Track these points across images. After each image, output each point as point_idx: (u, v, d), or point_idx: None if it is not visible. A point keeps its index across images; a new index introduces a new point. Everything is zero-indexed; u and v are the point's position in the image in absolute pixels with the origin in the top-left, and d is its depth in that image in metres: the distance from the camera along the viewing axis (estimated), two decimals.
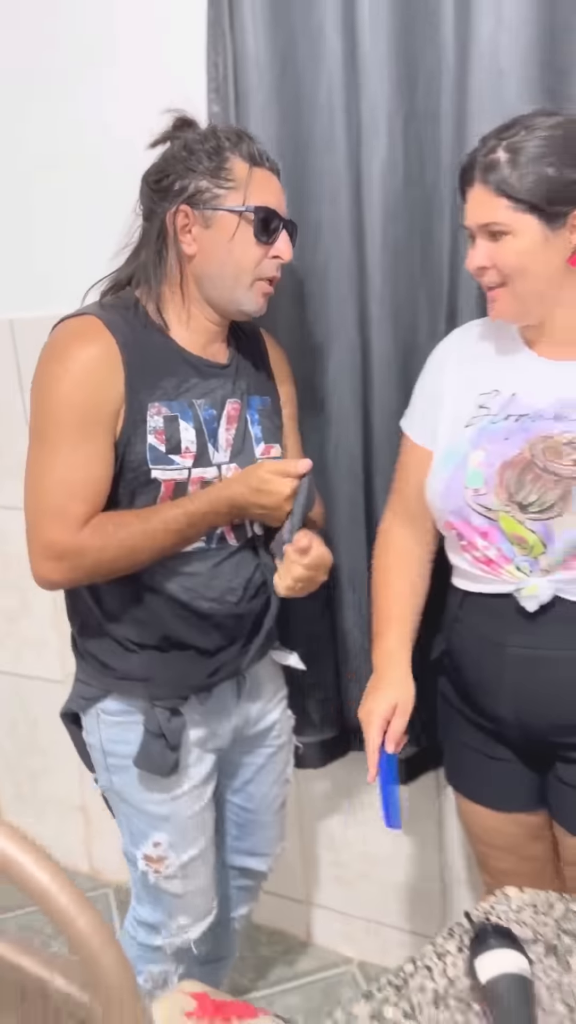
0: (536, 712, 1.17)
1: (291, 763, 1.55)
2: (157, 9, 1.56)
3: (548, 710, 1.16)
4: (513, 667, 1.17)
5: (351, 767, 1.75)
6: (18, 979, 0.77)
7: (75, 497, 1.18)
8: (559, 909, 0.94)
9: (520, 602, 1.14)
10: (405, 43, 1.34)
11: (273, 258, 1.25)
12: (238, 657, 1.35)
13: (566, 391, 1.14)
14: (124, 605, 1.29)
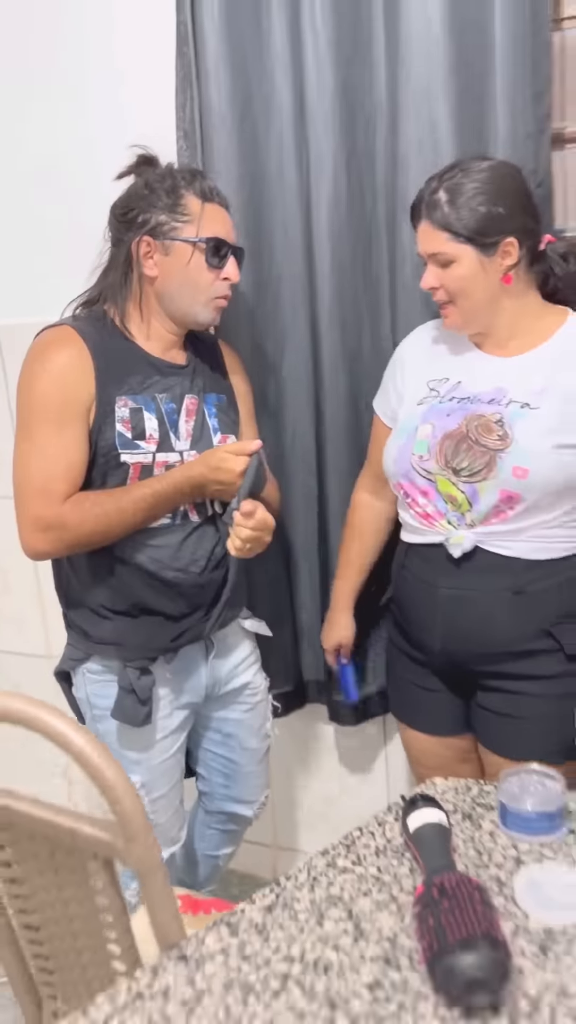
0: (460, 643, 1.42)
1: (269, 719, 1.75)
2: (132, 60, 1.79)
3: (469, 641, 1.41)
4: (443, 605, 1.42)
5: (307, 718, 1.99)
6: (51, 834, 1.00)
7: (56, 478, 1.39)
8: (475, 790, 1.19)
9: (448, 550, 1.39)
10: (345, 94, 1.59)
11: (223, 280, 1.47)
12: (201, 623, 1.53)
13: (501, 381, 1.39)
14: (99, 575, 1.48)
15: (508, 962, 0.84)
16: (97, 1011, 0.87)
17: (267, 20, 1.62)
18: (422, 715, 1.55)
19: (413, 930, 0.92)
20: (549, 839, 1.07)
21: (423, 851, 1.02)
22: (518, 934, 0.93)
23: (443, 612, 1.43)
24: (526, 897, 0.98)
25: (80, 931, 1.07)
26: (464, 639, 1.42)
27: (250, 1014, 0.85)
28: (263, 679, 1.73)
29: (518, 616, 1.38)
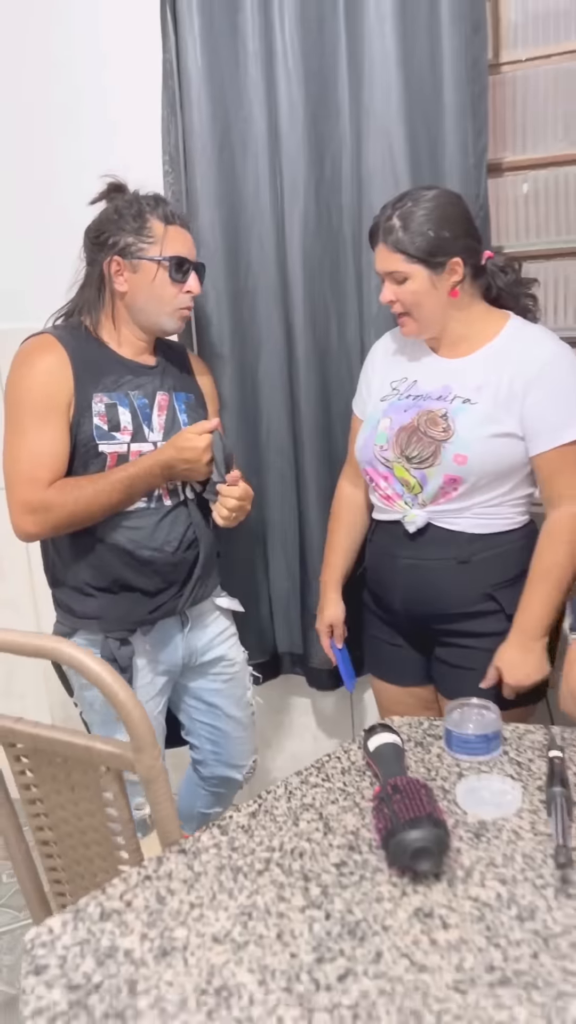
0: (417, 604, 1.64)
1: (250, 689, 1.92)
2: (122, 92, 1.99)
3: (424, 603, 1.63)
4: (402, 572, 1.63)
5: (282, 687, 2.19)
6: (70, 753, 1.19)
7: (41, 466, 1.57)
8: (426, 724, 1.40)
9: (405, 526, 1.60)
10: (314, 127, 1.80)
11: (186, 292, 1.65)
12: (175, 599, 1.71)
13: (448, 379, 1.60)
14: (82, 555, 1.66)
15: (448, 838, 1.04)
16: (113, 890, 1.06)
17: (244, 59, 1.83)
18: (390, 668, 1.76)
19: (371, 822, 1.12)
20: (486, 758, 1.28)
21: (380, 765, 1.22)
22: (457, 826, 1.13)
23: (402, 578, 1.64)
24: (465, 799, 1.18)
25: (91, 841, 1.27)
26: (420, 601, 1.63)
27: (239, 887, 1.05)
28: (240, 652, 1.89)
29: (463, 582, 1.60)
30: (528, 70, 1.81)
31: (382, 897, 1.02)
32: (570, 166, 1.83)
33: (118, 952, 0.96)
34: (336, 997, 0.88)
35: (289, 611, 2.08)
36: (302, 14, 1.75)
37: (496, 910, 0.99)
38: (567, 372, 1.54)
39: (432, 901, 1.01)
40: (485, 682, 1.58)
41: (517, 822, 1.14)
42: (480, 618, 1.61)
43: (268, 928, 0.98)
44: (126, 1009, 0.88)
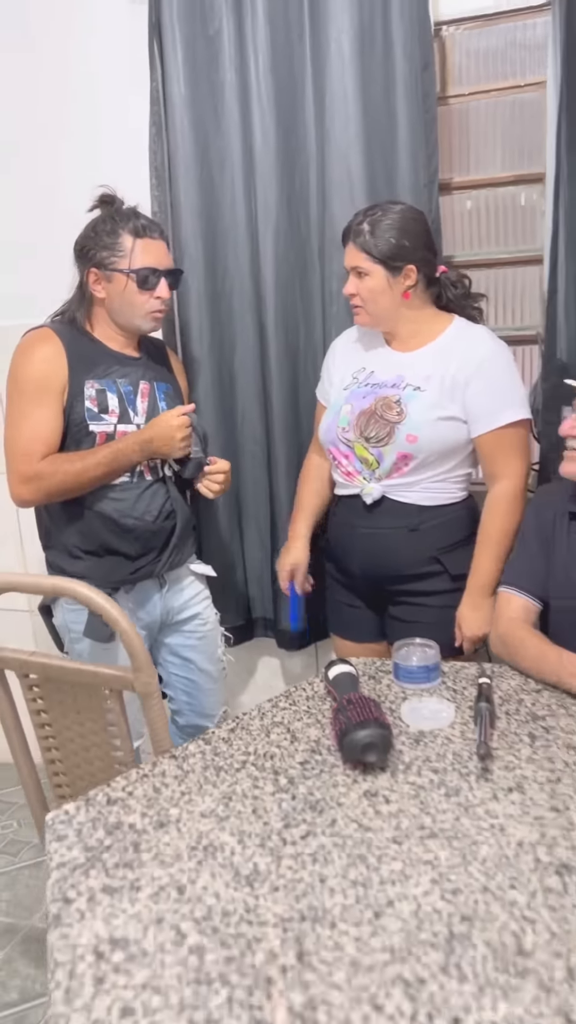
0: (373, 568, 1.88)
1: (221, 646, 2.14)
2: (115, 115, 2.22)
3: (380, 567, 1.87)
4: (360, 540, 1.87)
5: (254, 649, 2.42)
6: (78, 679, 1.42)
7: (36, 440, 1.80)
8: (378, 663, 1.64)
9: (363, 498, 1.85)
10: (284, 149, 2.04)
11: (156, 298, 1.86)
12: (154, 562, 1.93)
13: (401, 370, 1.84)
14: (73, 523, 1.88)
15: (390, 737, 1.28)
16: (116, 783, 1.29)
17: (221, 88, 2.06)
18: (349, 627, 2.00)
19: (330, 729, 1.36)
20: (427, 686, 1.52)
21: (338, 688, 1.45)
22: (401, 734, 1.38)
23: (360, 545, 1.88)
24: (408, 715, 1.42)
25: (94, 757, 1.49)
26: (376, 565, 1.87)
27: (221, 780, 1.28)
28: (213, 613, 2.11)
29: (413, 547, 1.84)
30: (471, 103, 2.07)
31: (337, 784, 1.26)
32: (506, 186, 2.09)
33: (123, 825, 1.19)
34: (299, 849, 1.12)
35: (262, 579, 2.32)
36: (273, 50, 1.99)
37: (428, 790, 1.23)
38: (503, 367, 1.79)
39: (377, 785, 1.25)
40: (457, 642, 1.83)
41: (450, 732, 1.39)
42: (428, 579, 1.86)
43: (245, 806, 1.21)
44: (132, 861, 1.11)
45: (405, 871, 1.06)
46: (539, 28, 1.97)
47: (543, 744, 1.33)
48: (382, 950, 0.94)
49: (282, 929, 0.98)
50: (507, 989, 0.87)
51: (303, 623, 2.16)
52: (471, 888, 1.02)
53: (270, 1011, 0.87)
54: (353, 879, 1.05)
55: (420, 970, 0.91)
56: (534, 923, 0.96)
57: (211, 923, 0.99)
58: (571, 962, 0.90)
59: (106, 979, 0.92)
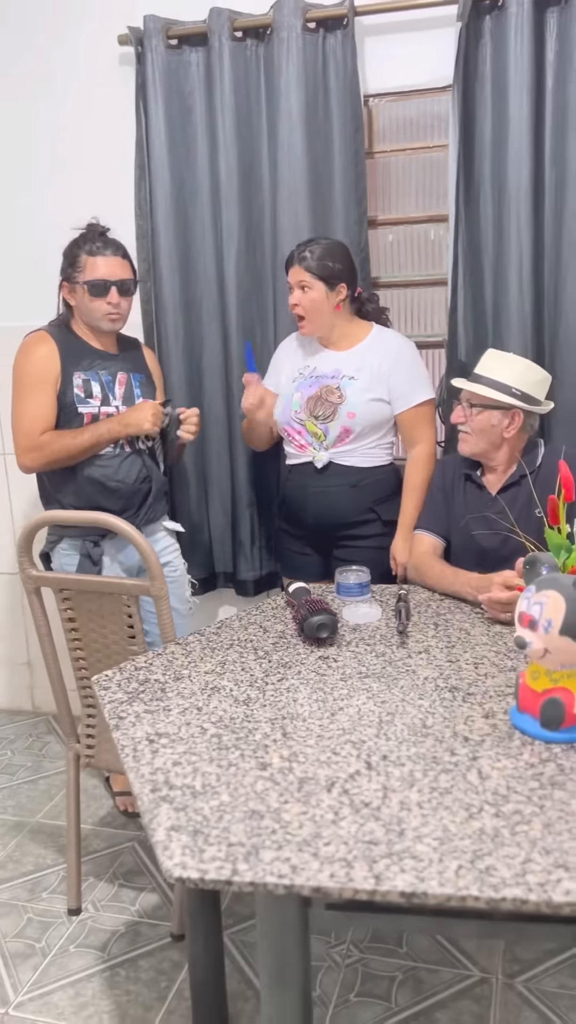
0: (323, 518, 2.39)
1: (189, 590, 2.61)
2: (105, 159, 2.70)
3: (328, 516, 2.38)
4: (312, 497, 2.39)
5: (216, 599, 2.92)
6: (104, 589, 1.89)
7: (36, 420, 2.26)
8: (324, 587, 2.17)
9: (315, 464, 2.37)
10: (245, 189, 2.55)
11: (107, 303, 2.30)
12: (133, 517, 2.37)
13: (338, 365, 2.35)
14: (68, 484, 2.32)
15: (337, 621, 1.80)
16: (138, 660, 1.77)
17: (194, 136, 2.57)
18: (299, 570, 2.51)
19: (292, 621, 1.87)
20: (360, 598, 2.05)
21: (295, 596, 1.97)
22: (343, 626, 1.90)
23: (313, 501, 2.40)
24: (348, 614, 1.95)
25: (113, 653, 1.96)
26: (325, 516, 2.39)
27: (214, 655, 1.78)
28: (182, 562, 2.57)
29: (354, 500, 2.37)
30: (391, 157, 2.63)
31: (300, 653, 1.77)
32: (420, 223, 2.66)
33: (150, 680, 1.68)
34: (277, 686, 1.62)
35: (224, 539, 2.81)
36: (236, 109, 2.50)
37: (364, 654, 1.75)
38: (414, 359, 2.38)
39: (329, 653, 1.77)
40: (394, 571, 2.35)
41: (377, 624, 1.91)
42: (365, 525, 2.39)
43: (236, 667, 1.72)
44: (161, 697, 1.60)
45: (349, 694, 1.58)
46: (443, 104, 2.53)
47: (443, 629, 1.87)
48: (337, 729, 1.45)
49: (271, 724, 1.48)
50: (416, 742, 1.40)
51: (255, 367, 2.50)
52: (393, 700, 1.55)
53: (268, 758, 1.37)
54: (316, 699, 1.56)
55: (362, 736, 1.42)
56: (433, 714, 1.49)
57: (223, 723, 1.49)
58: (456, 729, 1.43)
59: (158, 751, 1.41)
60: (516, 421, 2.06)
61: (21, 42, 2.75)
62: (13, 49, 2.76)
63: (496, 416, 2.06)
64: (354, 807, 1.23)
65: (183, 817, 1.23)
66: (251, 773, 1.33)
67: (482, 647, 1.76)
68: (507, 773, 1.30)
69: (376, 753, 1.37)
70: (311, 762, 1.35)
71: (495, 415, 2.06)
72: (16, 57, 2.76)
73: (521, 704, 1.44)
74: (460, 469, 2.20)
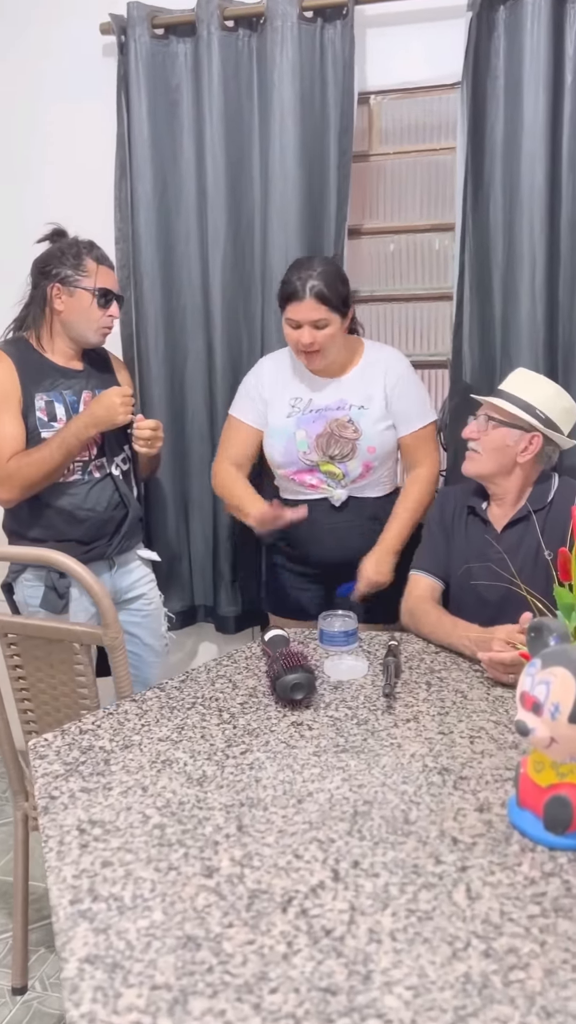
0: (335, 555, 2.16)
1: (165, 625, 2.39)
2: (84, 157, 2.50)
3: (341, 554, 2.14)
4: (327, 534, 2.15)
5: (196, 634, 2.69)
6: (53, 635, 1.67)
7: (2, 447, 2.04)
8: (307, 632, 1.94)
9: (332, 502, 2.14)
10: (232, 193, 2.34)
11: (108, 315, 2.12)
12: (105, 546, 2.18)
13: (341, 395, 2.12)
14: (34, 516, 2.12)
15: (314, 680, 1.58)
16: (86, 719, 1.55)
17: (180, 135, 2.37)
18: (294, 608, 2.26)
19: (266, 677, 1.65)
20: (345, 648, 1.83)
21: (272, 647, 1.74)
22: (323, 683, 1.67)
23: (326, 538, 2.16)
24: (329, 669, 1.72)
25: (63, 705, 1.75)
26: (341, 552, 2.15)
27: (174, 715, 1.56)
28: (158, 595, 2.36)
29: (373, 532, 2.14)
30: (393, 160, 2.42)
31: (271, 717, 1.55)
32: (423, 232, 2.44)
33: (95, 747, 1.45)
34: (239, 761, 1.40)
35: (205, 570, 2.59)
36: (225, 103, 2.30)
37: (343, 721, 1.53)
38: (414, 381, 2.17)
39: (303, 718, 1.54)
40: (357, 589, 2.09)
41: (363, 681, 1.69)
42: None
43: (195, 733, 1.49)
44: (104, 771, 1.38)
45: (323, 773, 1.35)
46: (451, 102, 2.32)
47: (437, 689, 1.64)
48: (303, 823, 1.22)
49: (226, 812, 1.26)
50: (394, 844, 1.17)
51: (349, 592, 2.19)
52: (372, 784, 1.32)
53: (217, 860, 1.15)
54: (282, 779, 1.34)
55: (331, 834, 1.20)
56: (418, 804, 1.26)
57: (170, 809, 1.27)
58: (443, 827, 1.21)
59: (89, 845, 1.19)
60: (533, 446, 1.83)
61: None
62: None
63: (513, 436, 1.84)
64: (312, 935, 1.00)
65: (102, 943, 1.00)
66: (194, 881, 1.11)
67: (480, 716, 1.53)
68: (501, 892, 1.07)
69: (346, 858, 1.14)
70: (267, 868, 1.13)
71: (512, 434, 1.84)
72: None
73: (522, 798, 1.21)
74: (463, 501, 1.98)
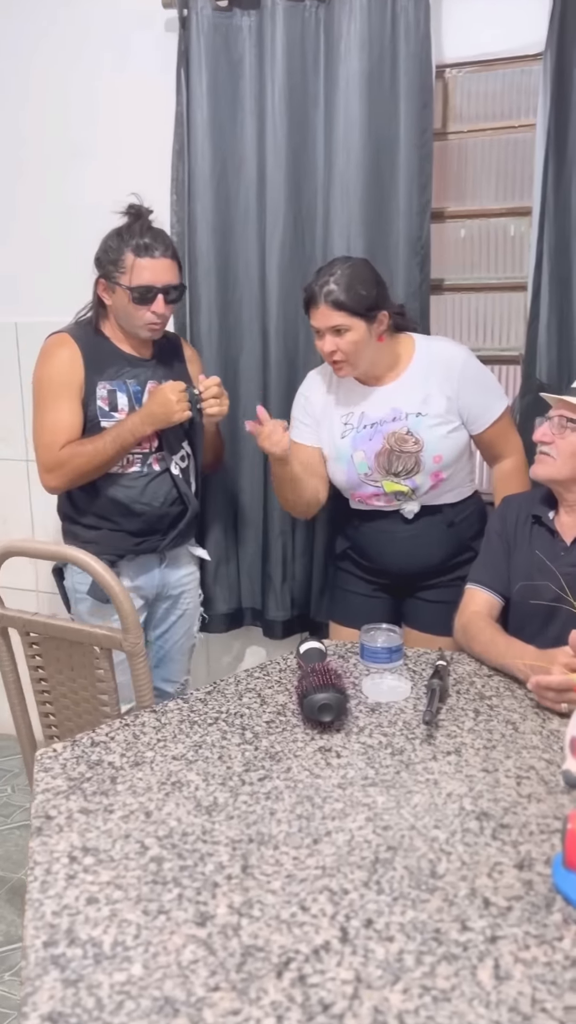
0: (410, 564, 2.02)
1: (197, 625, 2.31)
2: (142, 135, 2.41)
3: (420, 561, 2.01)
4: (401, 543, 2.01)
5: (244, 637, 2.57)
6: (73, 637, 1.57)
7: (57, 432, 1.97)
8: (349, 644, 1.79)
9: (403, 515, 1.99)
10: (294, 172, 2.21)
11: (151, 313, 1.97)
12: (158, 541, 2.09)
13: (393, 403, 1.95)
14: (90, 504, 2.04)
15: (345, 700, 1.43)
16: (100, 729, 1.44)
17: (241, 114, 2.25)
18: (357, 616, 2.05)
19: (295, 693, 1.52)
20: (389, 666, 1.67)
21: (306, 660, 1.60)
22: (360, 704, 1.53)
23: (401, 547, 2.02)
24: (368, 689, 1.57)
25: (83, 711, 1.65)
26: (417, 562, 2.02)
27: (194, 731, 1.43)
28: (197, 594, 2.28)
29: (451, 540, 2.01)
30: (469, 139, 2.24)
31: (296, 740, 1.41)
32: (498, 217, 2.25)
33: (103, 762, 1.34)
34: (255, 788, 1.27)
35: (252, 572, 2.47)
36: (289, 81, 2.16)
37: (376, 749, 1.38)
38: (477, 368, 1.97)
39: (332, 743, 1.40)
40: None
41: (403, 704, 1.53)
42: (462, 566, 2.00)
43: (212, 753, 1.37)
44: (108, 791, 1.26)
45: (345, 810, 1.21)
46: (533, 75, 2.13)
47: (485, 718, 1.47)
48: (315, 868, 1.08)
49: (232, 848, 1.13)
50: (416, 901, 1.02)
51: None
52: (400, 826, 1.17)
53: (213, 906, 1.02)
54: (299, 813, 1.20)
55: (345, 884, 1.05)
56: (449, 855, 1.11)
57: (171, 840, 1.15)
58: (475, 884, 1.05)
59: (76, 876, 1.08)
60: None
61: (53, 10, 2.48)
62: (45, 19, 2.49)
63: None
64: (307, 1010, 0.86)
65: (70, 998, 0.89)
66: (183, 930, 0.98)
67: (531, 753, 1.36)
68: (536, 972, 0.91)
69: (359, 914, 1.00)
70: (267, 919, 0.99)
71: None
72: (48, 27, 2.49)
73: (569, 858, 1.04)
74: (527, 509, 1.80)
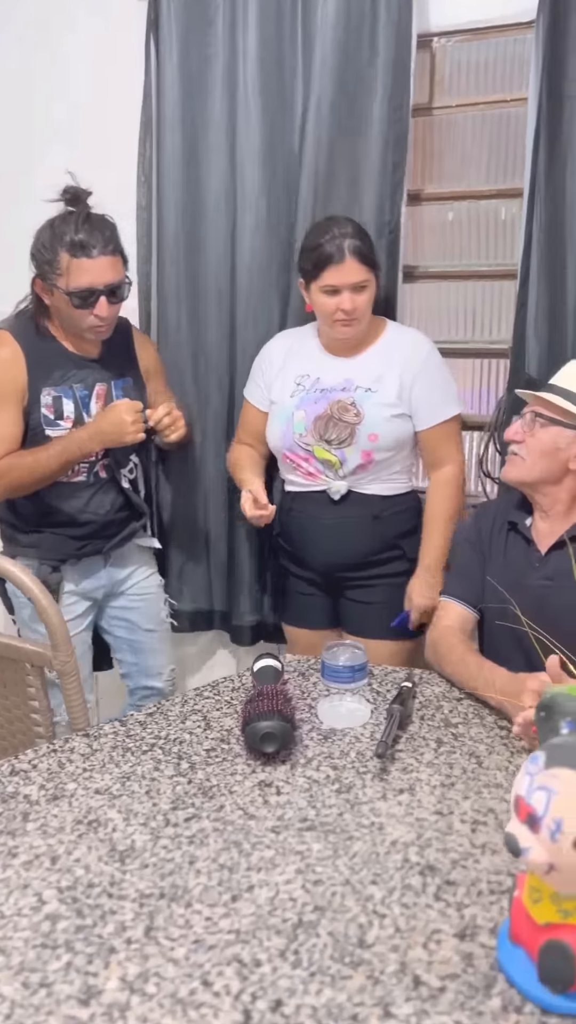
0: (337, 556, 1.91)
1: (165, 610, 2.17)
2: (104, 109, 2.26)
3: (344, 554, 1.91)
4: (326, 531, 1.90)
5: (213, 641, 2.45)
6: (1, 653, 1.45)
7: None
8: (312, 660, 1.66)
9: (330, 495, 1.88)
10: (268, 148, 2.05)
11: (94, 316, 1.78)
12: (102, 544, 1.97)
13: (349, 374, 1.86)
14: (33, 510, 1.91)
15: (291, 729, 1.30)
16: (24, 755, 1.32)
17: (212, 90, 2.09)
18: (303, 616, 2.04)
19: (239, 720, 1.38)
20: (351, 686, 1.54)
21: (260, 680, 1.47)
22: (312, 730, 1.39)
23: (324, 536, 1.92)
24: (323, 712, 1.44)
25: (16, 730, 1.52)
26: (340, 553, 1.92)
27: (125, 760, 1.31)
28: (157, 580, 2.16)
29: (376, 534, 1.90)
30: (457, 114, 2.08)
31: (236, 772, 1.28)
32: (488, 199, 2.10)
33: (19, 795, 1.22)
34: (179, 831, 1.14)
35: (222, 573, 2.33)
36: (262, 55, 2.02)
37: (321, 785, 1.24)
38: (440, 367, 1.89)
39: (274, 776, 1.27)
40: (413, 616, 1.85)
41: (360, 731, 1.40)
42: (388, 563, 1.91)
43: (140, 787, 1.24)
44: (16, 830, 1.14)
45: (275, 859, 1.08)
46: (527, 44, 1.97)
47: (448, 750, 1.34)
48: (228, 932, 0.95)
49: (139, 904, 1.00)
50: (336, 978, 0.89)
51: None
52: (333, 880, 1.04)
53: (103, 978, 0.89)
54: (222, 863, 1.07)
55: (259, 953, 0.92)
56: (383, 918, 0.97)
57: (73, 893, 1.02)
58: (406, 957, 0.91)
59: None
60: None
61: None
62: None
63: (566, 437, 1.52)
64: None
65: None
66: (62, 1010, 0.85)
67: (491, 793, 1.22)
68: None
69: (268, 993, 0.87)
70: (162, 997, 0.86)
71: (565, 435, 1.52)
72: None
73: (514, 931, 0.91)
74: (503, 516, 1.66)
